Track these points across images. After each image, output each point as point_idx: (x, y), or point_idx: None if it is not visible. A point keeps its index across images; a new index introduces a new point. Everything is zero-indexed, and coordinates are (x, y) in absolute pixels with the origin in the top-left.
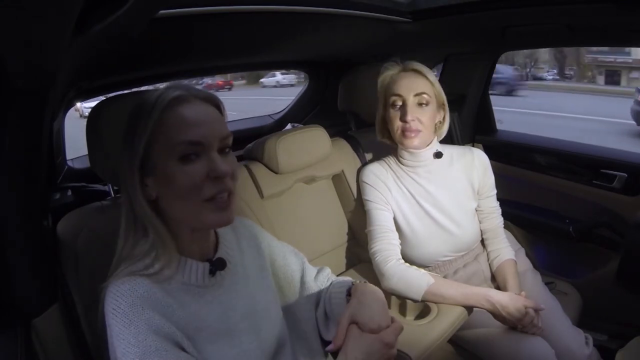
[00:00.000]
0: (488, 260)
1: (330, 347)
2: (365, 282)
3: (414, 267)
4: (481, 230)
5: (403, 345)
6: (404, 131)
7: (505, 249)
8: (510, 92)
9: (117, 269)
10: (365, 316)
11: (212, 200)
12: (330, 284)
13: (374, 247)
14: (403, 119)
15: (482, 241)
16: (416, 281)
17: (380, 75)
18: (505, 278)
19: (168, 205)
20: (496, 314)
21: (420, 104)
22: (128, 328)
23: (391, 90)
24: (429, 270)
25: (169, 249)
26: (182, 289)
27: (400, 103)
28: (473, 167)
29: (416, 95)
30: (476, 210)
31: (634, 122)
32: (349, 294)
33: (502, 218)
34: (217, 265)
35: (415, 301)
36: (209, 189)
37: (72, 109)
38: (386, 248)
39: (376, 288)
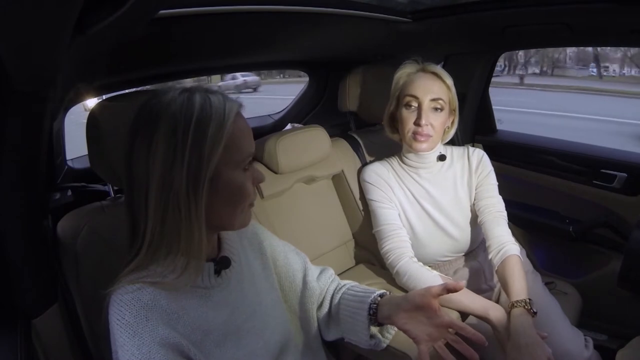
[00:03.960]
0: (490, 251)
1: None
2: (390, 293)
3: (427, 267)
4: (481, 222)
5: (403, 345)
6: (415, 134)
7: (509, 244)
8: None
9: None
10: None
11: (252, 203)
12: (337, 285)
13: (386, 247)
14: (417, 122)
15: (482, 242)
16: (427, 282)
17: (397, 72)
18: (507, 281)
19: (216, 211)
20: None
21: (435, 109)
22: (132, 339)
23: (407, 90)
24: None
25: (202, 259)
26: (189, 292)
27: (415, 105)
28: (470, 164)
29: (433, 99)
30: (475, 203)
31: None
32: (375, 305)
33: (504, 210)
34: (222, 264)
35: None
36: (254, 194)
37: (82, 108)
38: (398, 246)
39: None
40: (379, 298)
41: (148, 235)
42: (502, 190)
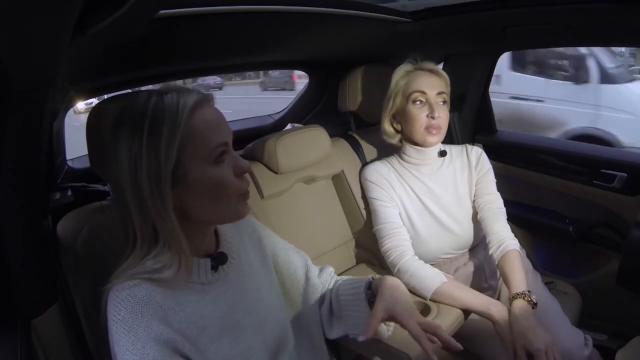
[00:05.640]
0: (490, 246)
1: (362, 338)
2: (382, 276)
3: (429, 265)
4: (481, 218)
5: (403, 345)
6: (428, 127)
7: (509, 239)
8: None
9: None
10: (402, 309)
11: (244, 194)
12: (335, 282)
13: (386, 245)
14: (432, 115)
15: (482, 240)
16: (429, 279)
17: (395, 72)
18: (507, 274)
19: (198, 209)
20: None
21: (441, 102)
22: (127, 335)
23: (413, 87)
24: None
25: (187, 255)
26: (185, 288)
27: (423, 100)
28: (470, 161)
29: (438, 93)
30: (474, 199)
31: None
32: (369, 287)
33: (503, 206)
34: (219, 260)
35: (423, 298)
36: (241, 184)
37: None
38: (399, 244)
39: (398, 281)
40: (369, 291)
41: (138, 232)
42: (502, 191)
